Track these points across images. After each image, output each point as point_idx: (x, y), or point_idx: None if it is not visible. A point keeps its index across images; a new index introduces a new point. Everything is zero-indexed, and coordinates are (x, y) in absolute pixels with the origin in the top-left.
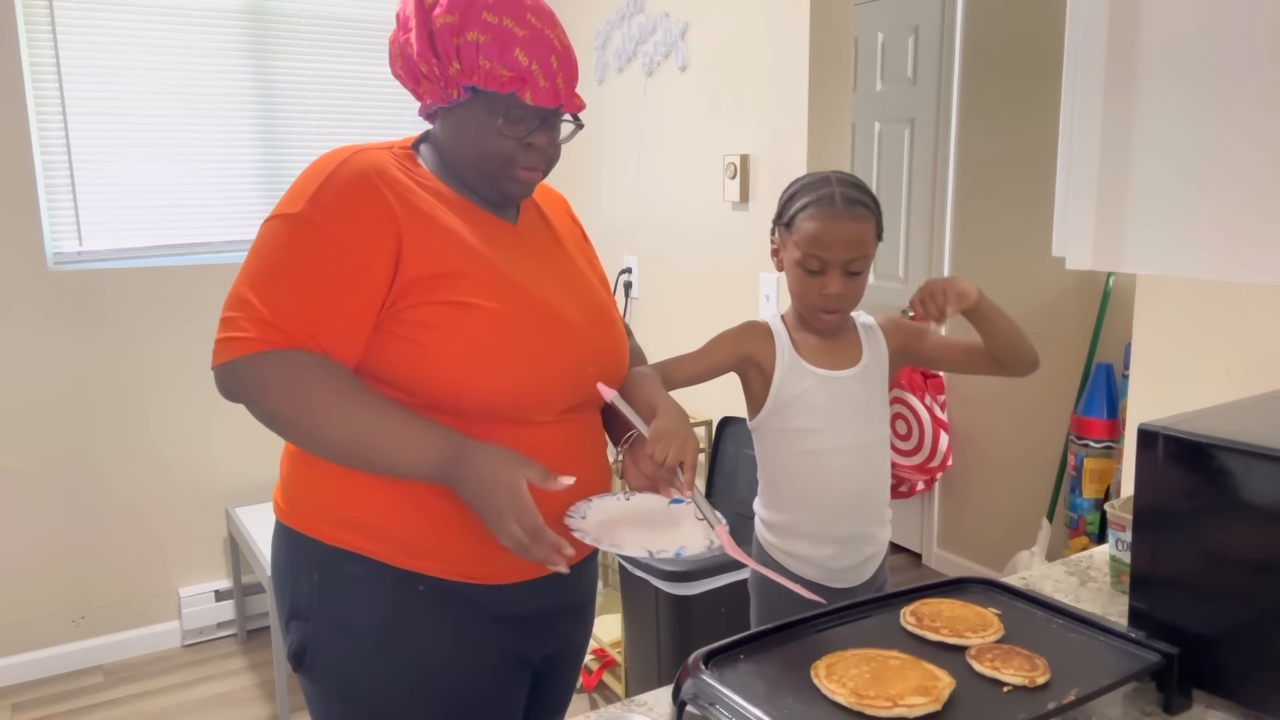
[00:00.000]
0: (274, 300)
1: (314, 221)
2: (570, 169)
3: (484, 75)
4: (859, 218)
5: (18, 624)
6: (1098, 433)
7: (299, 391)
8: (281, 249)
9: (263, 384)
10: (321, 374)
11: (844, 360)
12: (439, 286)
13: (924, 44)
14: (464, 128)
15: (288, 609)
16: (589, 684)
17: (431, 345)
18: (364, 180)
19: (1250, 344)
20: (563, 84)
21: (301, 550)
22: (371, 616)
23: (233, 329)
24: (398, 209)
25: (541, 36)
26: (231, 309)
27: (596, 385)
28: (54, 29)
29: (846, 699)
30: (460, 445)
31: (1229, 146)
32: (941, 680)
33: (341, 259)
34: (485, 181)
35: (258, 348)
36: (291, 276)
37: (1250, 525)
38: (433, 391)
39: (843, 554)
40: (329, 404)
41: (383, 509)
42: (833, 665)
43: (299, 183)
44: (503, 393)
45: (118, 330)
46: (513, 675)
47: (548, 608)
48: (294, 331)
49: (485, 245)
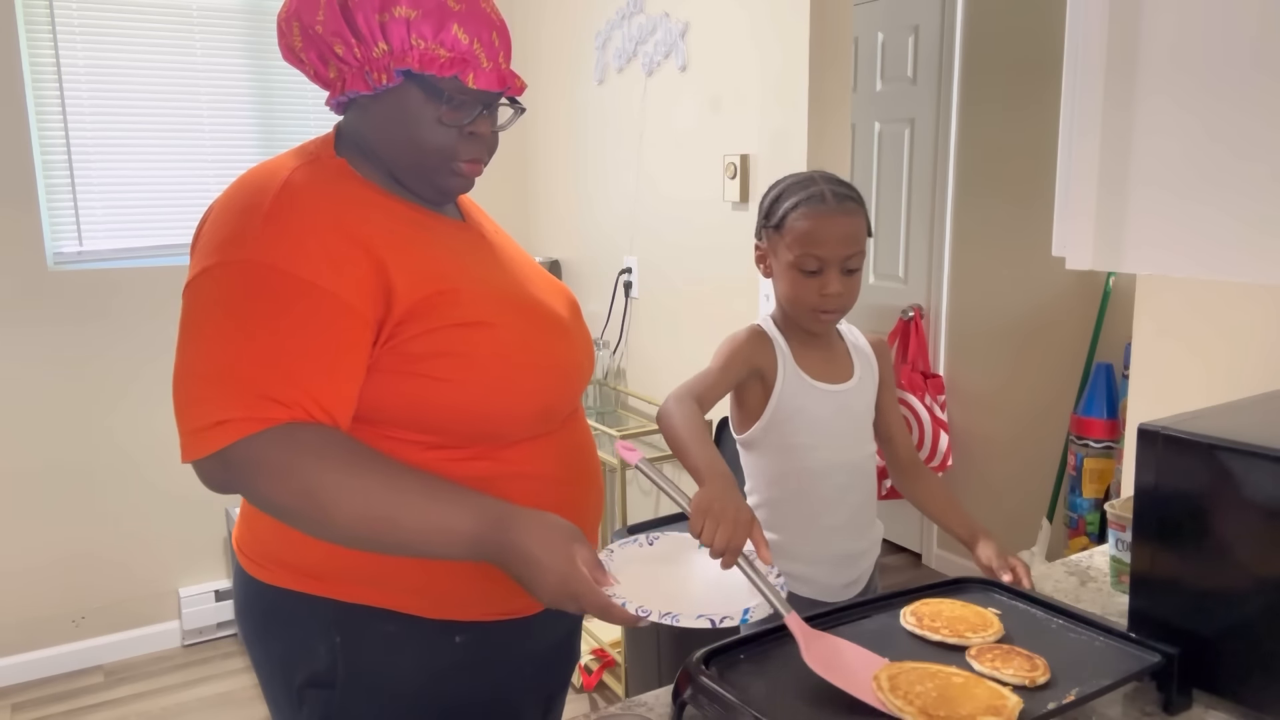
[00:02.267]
0: (255, 366)
1: (272, 265)
2: (570, 169)
3: (419, 57)
4: (851, 212)
5: (18, 624)
6: (1098, 433)
7: (304, 476)
8: (242, 303)
9: (261, 470)
10: (329, 451)
11: (839, 373)
12: (437, 309)
13: (924, 44)
14: (394, 118)
15: (302, 677)
16: (589, 684)
17: (447, 376)
18: (315, 207)
19: (1250, 344)
20: (504, 63)
21: (312, 613)
22: (411, 678)
23: (211, 411)
24: (365, 233)
25: (478, 10)
26: (198, 387)
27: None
28: (54, 29)
29: (915, 717)
30: (496, 523)
31: (1229, 146)
32: (1010, 700)
33: (320, 303)
34: (422, 178)
35: (253, 428)
36: (268, 334)
37: (1250, 525)
38: (456, 425)
39: (839, 571)
40: (337, 488)
41: (403, 560)
42: (895, 678)
43: (225, 222)
44: (529, 409)
45: (118, 330)
46: (538, 711)
47: (567, 626)
48: (290, 400)
49: (461, 254)
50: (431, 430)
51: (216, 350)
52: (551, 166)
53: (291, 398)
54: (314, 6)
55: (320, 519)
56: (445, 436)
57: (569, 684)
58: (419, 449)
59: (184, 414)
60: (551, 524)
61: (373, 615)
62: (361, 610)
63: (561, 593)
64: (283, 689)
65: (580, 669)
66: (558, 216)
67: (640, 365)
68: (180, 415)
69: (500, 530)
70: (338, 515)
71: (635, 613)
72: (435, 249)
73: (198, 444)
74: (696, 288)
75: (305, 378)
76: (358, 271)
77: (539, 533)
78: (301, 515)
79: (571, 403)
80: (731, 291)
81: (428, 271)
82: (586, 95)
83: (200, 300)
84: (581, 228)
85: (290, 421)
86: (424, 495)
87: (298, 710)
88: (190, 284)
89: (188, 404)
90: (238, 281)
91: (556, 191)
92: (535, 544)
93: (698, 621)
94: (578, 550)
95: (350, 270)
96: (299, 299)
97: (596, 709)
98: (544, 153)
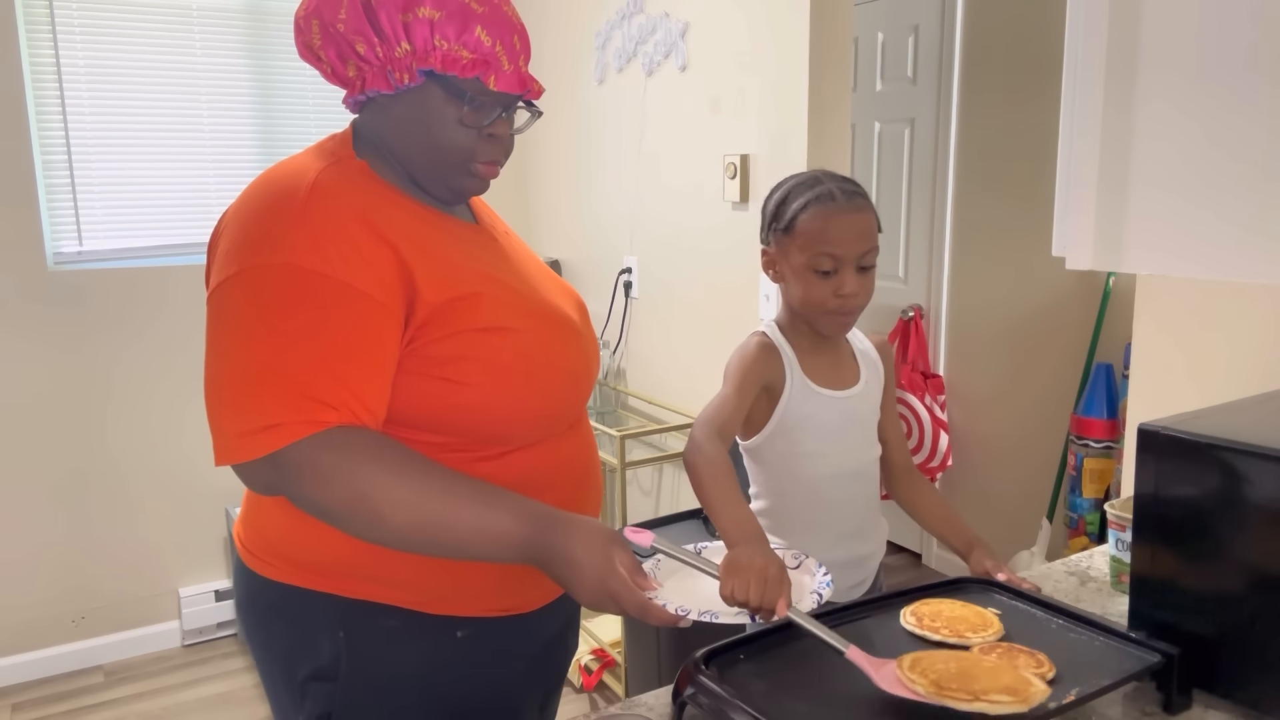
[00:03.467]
0: (302, 369)
1: (310, 268)
2: (570, 169)
3: (442, 57)
4: (862, 209)
5: (18, 624)
6: (1098, 433)
7: (359, 479)
8: (283, 307)
9: (314, 474)
10: (382, 455)
11: (845, 379)
12: (459, 313)
13: (924, 44)
14: (414, 118)
15: (304, 672)
16: (589, 684)
17: (468, 380)
18: (343, 208)
19: (1250, 344)
20: (524, 66)
21: (315, 608)
22: (413, 671)
23: (258, 415)
24: (392, 234)
25: (500, 13)
26: (241, 392)
27: (626, 532)
28: (54, 29)
29: (925, 688)
30: (542, 527)
31: (1228, 147)
32: (1035, 687)
33: (359, 304)
34: (439, 178)
35: (306, 431)
36: (313, 337)
37: (1250, 525)
38: (473, 428)
39: (846, 574)
40: (391, 492)
41: (404, 556)
42: (918, 660)
43: (253, 225)
44: (544, 412)
45: (118, 330)
46: (536, 705)
47: (563, 620)
48: (339, 402)
49: (479, 257)
50: (447, 432)
51: (259, 354)
52: (551, 166)
53: (340, 400)
54: (336, 4)
55: (374, 522)
56: (459, 438)
57: (565, 678)
58: (432, 450)
59: (227, 418)
60: (593, 528)
61: (375, 610)
62: (364, 605)
63: (600, 592)
64: (285, 684)
65: (580, 669)
66: (558, 216)
67: (640, 365)
68: (222, 419)
69: (545, 532)
70: (393, 518)
71: (675, 612)
72: (455, 253)
73: (246, 447)
74: (697, 287)
75: (352, 379)
76: (389, 273)
77: (580, 535)
78: (354, 518)
79: (581, 406)
80: (731, 291)
81: (449, 276)
82: (586, 95)
83: (234, 304)
84: (581, 228)
85: (340, 425)
86: (475, 500)
87: (300, 704)
88: (220, 287)
89: (231, 408)
90: (275, 285)
91: (556, 191)
92: (577, 546)
93: (737, 617)
94: (616, 553)
95: (382, 270)
96: (339, 301)
97: (596, 709)
98: (544, 153)
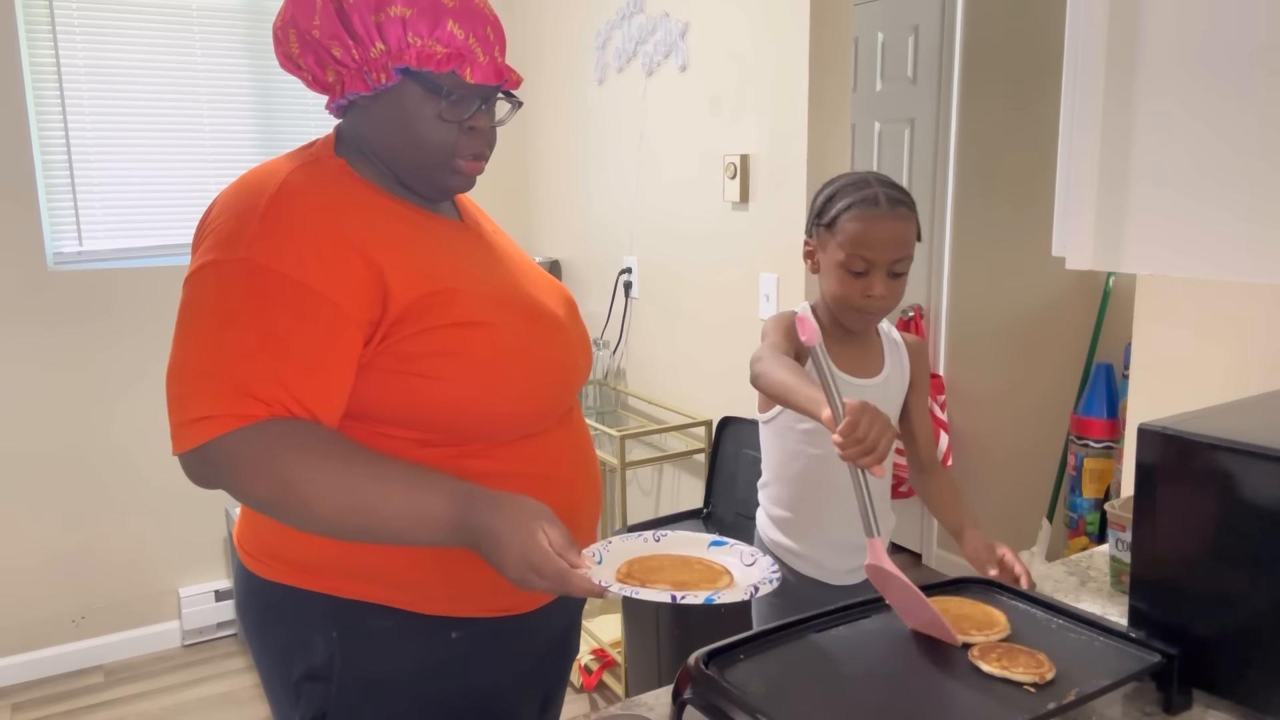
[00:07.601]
0: (240, 363)
1: (263, 265)
2: (570, 169)
3: (417, 54)
4: (902, 218)
5: (18, 624)
6: (1098, 433)
7: (282, 469)
8: (232, 301)
9: (240, 465)
10: (306, 443)
11: (867, 369)
12: (433, 309)
13: (924, 44)
14: (394, 117)
15: (299, 671)
16: (589, 684)
17: (443, 375)
18: (308, 208)
19: (1250, 344)
20: (500, 57)
21: (309, 608)
22: (407, 673)
23: (195, 406)
24: (360, 235)
25: (471, 6)
26: (186, 382)
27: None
28: (54, 29)
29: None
30: (467, 506)
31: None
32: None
33: (307, 302)
34: (423, 176)
35: (232, 425)
36: (255, 332)
37: (1250, 525)
38: (452, 423)
39: (844, 557)
40: (316, 479)
41: (398, 555)
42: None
43: (223, 221)
44: (525, 408)
45: (118, 330)
46: (535, 708)
47: (564, 623)
48: (271, 397)
49: (458, 254)
50: (427, 428)
51: (206, 346)
52: (551, 166)
53: (272, 395)
54: (309, 11)
55: (301, 510)
56: (440, 434)
57: (567, 681)
58: (414, 446)
59: (172, 408)
60: (520, 504)
61: (369, 610)
62: (358, 605)
63: (522, 565)
64: (281, 683)
65: (580, 669)
66: (558, 216)
67: (640, 365)
68: (170, 409)
69: (472, 512)
70: (317, 506)
71: (598, 584)
72: (432, 249)
73: (180, 438)
74: (697, 287)
75: (287, 375)
76: (349, 272)
77: (505, 511)
78: (282, 507)
79: (567, 401)
80: (731, 291)
81: (424, 271)
82: (586, 95)
83: (195, 296)
84: (581, 228)
85: (270, 418)
86: (402, 483)
87: (295, 704)
88: (188, 279)
89: (176, 398)
90: (230, 280)
91: (556, 191)
92: (500, 522)
93: (659, 596)
94: (543, 527)
95: (340, 271)
96: (286, 298)
97: (596, 709)
98: (544, 153)
